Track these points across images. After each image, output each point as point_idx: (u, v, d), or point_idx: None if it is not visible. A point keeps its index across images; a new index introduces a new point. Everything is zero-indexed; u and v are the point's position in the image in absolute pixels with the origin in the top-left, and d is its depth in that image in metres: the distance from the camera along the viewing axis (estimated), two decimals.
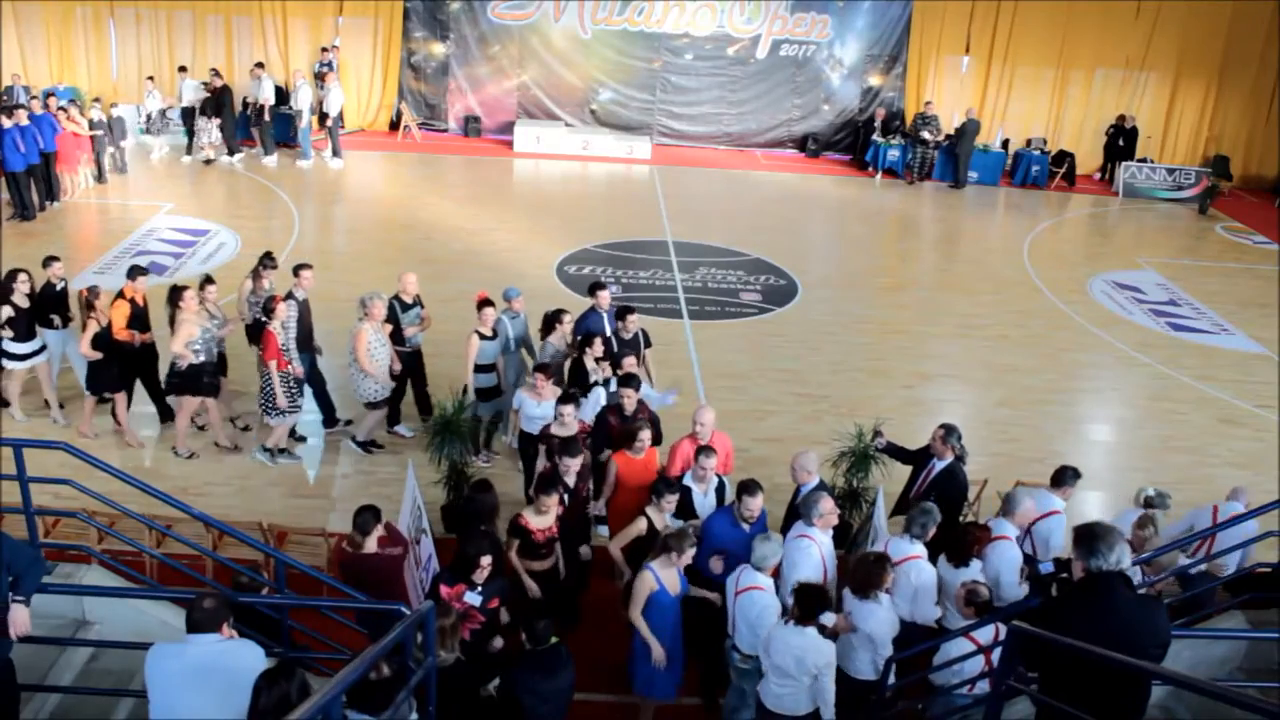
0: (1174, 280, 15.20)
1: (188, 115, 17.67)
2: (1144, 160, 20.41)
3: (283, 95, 19.01)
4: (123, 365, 8.77)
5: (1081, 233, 18.26)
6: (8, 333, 8.62)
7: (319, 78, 19.40)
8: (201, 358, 8.46)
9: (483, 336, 8.59)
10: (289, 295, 8.82)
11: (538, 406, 7.72)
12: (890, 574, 5.65)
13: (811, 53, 20.57)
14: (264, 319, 8.45)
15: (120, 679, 5.20)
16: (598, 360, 8.18)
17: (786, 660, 5.23)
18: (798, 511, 6.72)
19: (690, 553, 5.77)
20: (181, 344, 8.33)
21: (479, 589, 5.60)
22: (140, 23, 19.29)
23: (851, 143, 21.12)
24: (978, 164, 19.89)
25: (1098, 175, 21.16)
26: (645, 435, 6.95)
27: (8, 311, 8.56)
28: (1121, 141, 20.44)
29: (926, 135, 19.45)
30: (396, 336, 8.91)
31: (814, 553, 5.90)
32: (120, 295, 8.73)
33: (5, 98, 16.11)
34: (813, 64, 20.67)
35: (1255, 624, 5.98)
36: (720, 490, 6.80)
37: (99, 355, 8.55)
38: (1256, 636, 5.74)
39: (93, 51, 19.29)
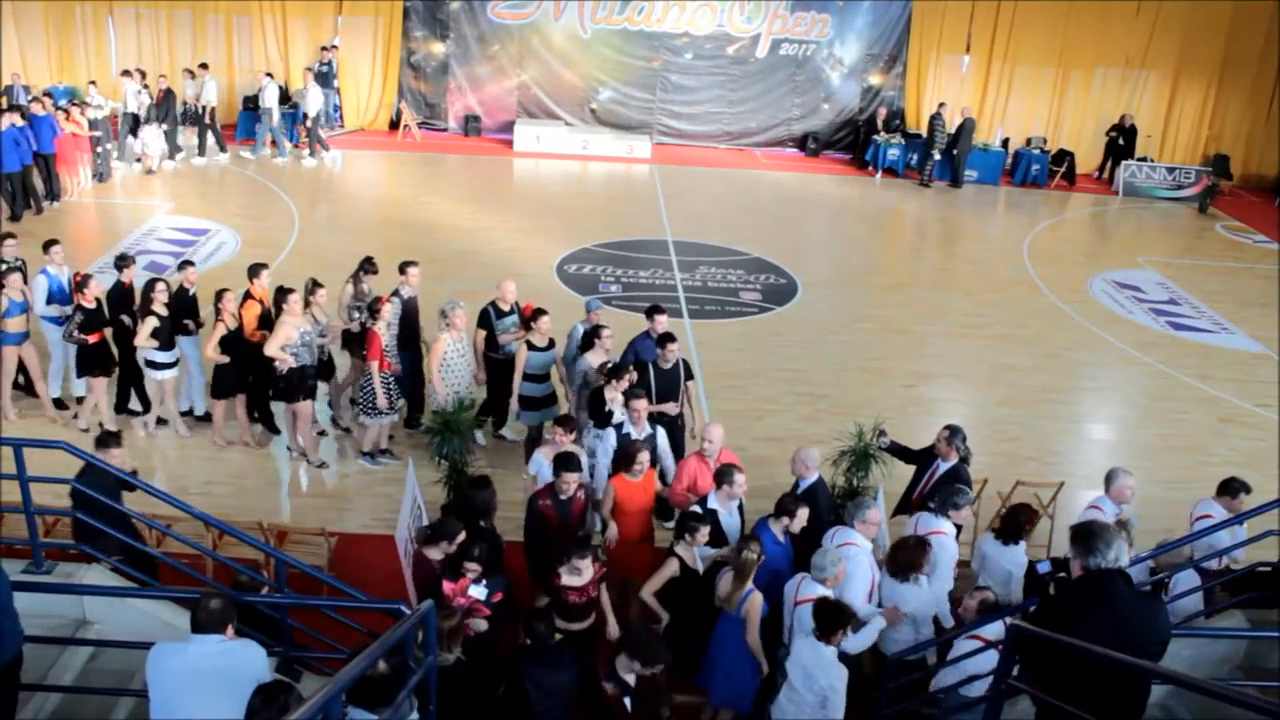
0: (1174, 279, 15.20)
1: (130, 121, 16.97)
2: (1144, 159, 20.40)
3: (284, 95, 19.00)
4: (244, 367, 8.71)
5: (1081, 232, 18.26)
6: (152, 342, 8.59)
7: (319, 77, 19.42)
8: (302, 361, 8.34)
9: (533, 347, 8.33)
10: (395, 293, 8.75)
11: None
12: (929, 557, 5.81)
13: (811, 52, 20.55)
14: (368, 322, 8.43)
15: (120, 679, 5.20)
16: (624, 393, 7.47)
17: (796, 671, 5.21)
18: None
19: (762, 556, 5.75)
20: (276, 347, 8.18)
21: (484, 582, 5.61)
22: (140, 22, 19.29)
23: (851, 142, 21.11)
24: (978, 163, 19.88)
25: (1097, 174, 21.16)
26: (644, 457, 6.57)
27: (153, 322, 8.54)
28: (1121, 141, 20.43)
29: (939, 137, 19.30)
30: (491, 343, 8.71)
31: (863, 560, 5.87)
32: (248, 296, 8.72)
33: (5, 97, 16.09)
34: (813, 63, 20.66)
35: (1255, 624, 5.98)
36: (740, 508, 6.63)
37: (226, 359, 8.52)
38: (1256, 636, 5.75)
39: (92, 51, 19.27)
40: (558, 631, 5.29)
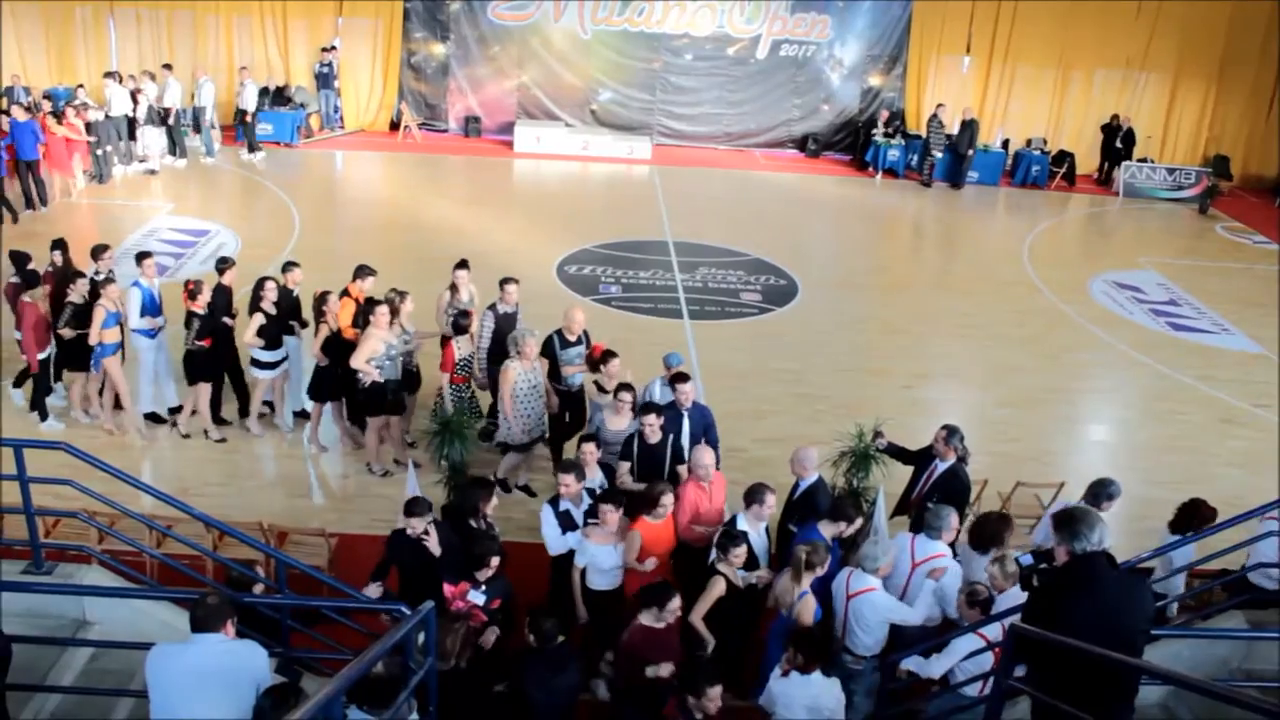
0: (1174, 280, 15.19)
1: (123, 123, 16.70)
2: (1144, 160, 20.40)
3: (281, 95, 18.99)
4: (341, 371, 8.65)
5: (1081, 233, 18.27)
6: (258, 340, 8.62)
7: (319, 78, 19.43)
8: (385, 376, 8.23)
9: (603, 390, 7.95)
10: (490, 307, 8.63)
11: (614, 553, 6.22)
12: (1010, 533, 6.12)
13: (811, 53, 20.56)
14: (448, 333, 8.38)
15: (120, 679, 5.19)
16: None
17: (797, 712, 5.11)
18: (796, 506, 6.72)
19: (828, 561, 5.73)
20: (362, 360, 8.08)
21: (483, 588, 5.61)
22: (140, 23, 19.27)
23: (851, 143, 21.11)
24: (978, 164, 19.86)
25: (1096, 176, 21.15)
26: (668, 500, 6.30)
27: (260, 319, 8.57)
28: (1119, 142, 20.41)
29: (936, 138, 19.27)
30: (554, 372, 8.39)
31: (958, 570, 5.93)
32: (345, 294, 8.74)
33: (5, 98, 16.06)
34: (813, 64, 20.67)
35: (1255, 624, 5.98)
36: (767, 530, 6.55)
37: (326, 360, 8.53)
38: (1256, 636, 5.74)
39: (92, 52, 19.24)
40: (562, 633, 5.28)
